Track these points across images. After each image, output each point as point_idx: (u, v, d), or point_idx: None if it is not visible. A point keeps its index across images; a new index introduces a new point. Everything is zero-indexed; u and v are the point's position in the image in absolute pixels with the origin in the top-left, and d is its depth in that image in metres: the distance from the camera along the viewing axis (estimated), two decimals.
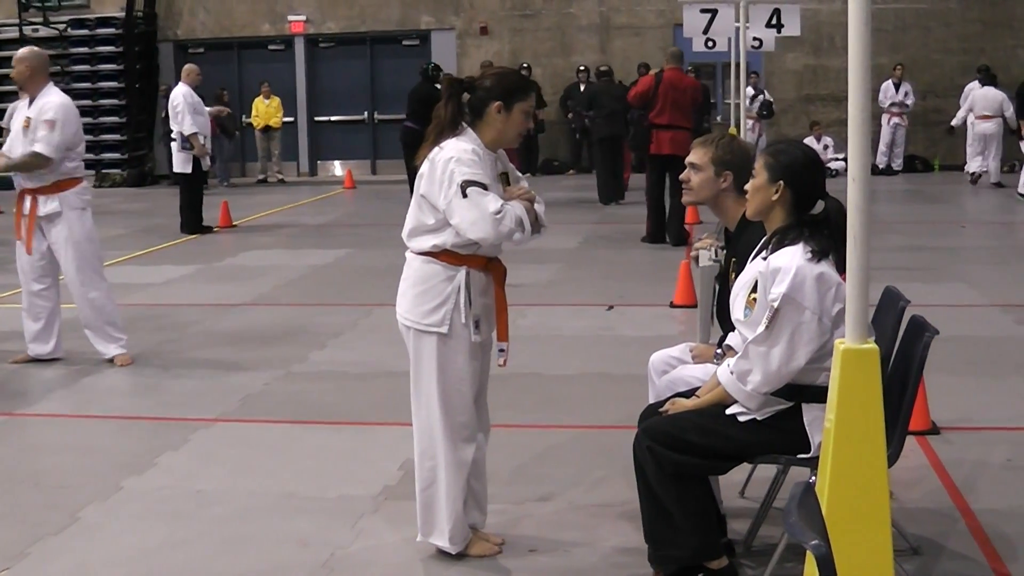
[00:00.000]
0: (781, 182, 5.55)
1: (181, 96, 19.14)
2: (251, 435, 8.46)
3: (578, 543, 6.32)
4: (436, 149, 5.83)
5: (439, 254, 5.87)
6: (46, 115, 10.08)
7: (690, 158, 6.37)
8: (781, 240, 5.51)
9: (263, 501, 7.05)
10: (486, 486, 6.30)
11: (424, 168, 5.85)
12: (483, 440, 6.20)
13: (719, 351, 6.10)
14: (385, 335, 10.03)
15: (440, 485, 5.99)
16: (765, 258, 5.52)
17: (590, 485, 7.20)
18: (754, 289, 5.51)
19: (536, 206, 5.95)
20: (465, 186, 5.65)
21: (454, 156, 5.73)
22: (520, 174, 6.25)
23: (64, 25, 30.43)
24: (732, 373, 5.54)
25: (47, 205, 10.23)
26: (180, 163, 19.38)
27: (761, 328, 5.37)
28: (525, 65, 27.81)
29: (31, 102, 10.25)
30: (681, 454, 5.53)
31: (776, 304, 5.31)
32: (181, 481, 7.44)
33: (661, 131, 17.26)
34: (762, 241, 5.69)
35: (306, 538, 6.44)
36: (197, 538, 6.48)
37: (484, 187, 5.69)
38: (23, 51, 10.34)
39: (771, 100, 27.51)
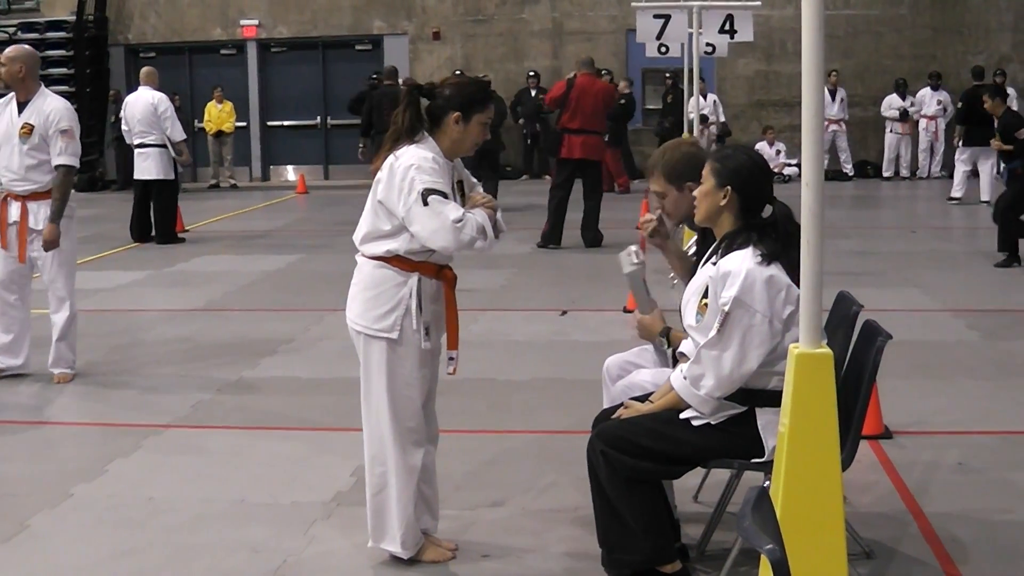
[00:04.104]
0: (728, 187, 5.55)
1: (167, 102, 18.57)
2: (202, 442, 8.40)
3: (530, 549, 6.30)
4: (392, 157, 5.81)
5: (391, 259, 5.85)
6: (61, 124, 9.74)
7: (653, 188, 6.40)
8: (730, 245, 5.52)
9: (214, 508, 7.01)
10: (437, 491, 6.29)
11: (382, 174, 5.82)
12: (431, 447, 6.19)
13: (662, 340, 6.17)
14: (337, 341, 10.00)
15: (391, 490, 5.97)
16: (715, 263, 5.53)
17: (542, 490, 7.19)
18: (705, 294, 5.52)
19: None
20: (426, 194, 5.64)
21: (414, 164, 5.72)
22: (475, 180, 6.25)
23: (14, 28, 30.19)
24: (685, 378, 5.54)
25: (41, 211, 9.77)
26: (163, 170, 18.63)
27: (712, 332, 5.37)
28: (484, 76, 27.62)
29: (21, 107, 9.84)
30: (634, 458, 5.53)
31: (727, 308, 5.32)
32: (132, 488, 7.39)
33: (572, 135, 17.34)
34: (712, 247, 5.70)
35: (258, 545, 6.40)
36: (148, 546, 6.43)
37: (445, 195, 5.68)
38: (15, 49, 9.91)
39: (725, 122, 27.69)
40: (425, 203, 5.64)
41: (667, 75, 27.60)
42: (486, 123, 5.98)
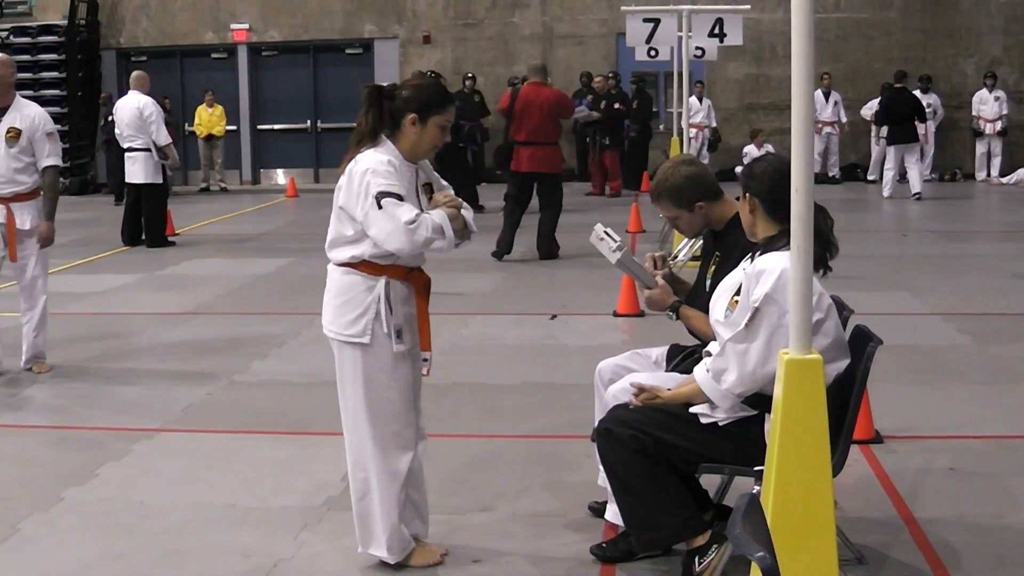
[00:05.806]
0: (747, 193, 5.60)
1: (153, 106, 18.54)
2: (193, 445, 8.39)
3: (521, 553, 6.30)
4: (353, 162, 5.82)
5: (358, 264, 5.88)
6: (47, 128, 10.16)
7: (663, 214, 6.58)
8: (768, 247, 5.53)
9: (204, 512, 7.00)
10: (425, 495, 6.28)
11: (342, 180, 5.85)
12: (420, 450, 6.18)
13: (671, 313, 6.30)
14: (327, 344, 9.94)
15: (374, 495, 5.97)
16: (751, 262, 5.55)
17: (532, 495, 7.18)
18: (738, 292, 5.52)
19: (463, 212, 5.94)
20: (380, 197, 5.65)
21: (370, 168, 5.74)
22: (445, 182, 6.22)
23: (6, 33, 30.15)
24: (708, 371, 5.56)
25: (25, 211, 10.07)
26: (150, 174, 18.58)
27: (740, 327, 5.38)
28: (470, 75, 27.50)
29: (1, 112, 10.09)
30: (633, 430, 5.63)
31: (757, 304, 5.33)
32: (122, 492, 7.38)
33: (520, 148, 16.96)
34: (752, 251, 5.71)
35: (247, 550, 6.39)
36: (138, 550, 6.42)
37: (399, 198, 5.68)
38: (4, 55, 10.25)
39: (716, 128, 27.77)
40: (379, 206, 5.65)
41: (632, 79, 27.52)
42: (444, 126, 5.96)
